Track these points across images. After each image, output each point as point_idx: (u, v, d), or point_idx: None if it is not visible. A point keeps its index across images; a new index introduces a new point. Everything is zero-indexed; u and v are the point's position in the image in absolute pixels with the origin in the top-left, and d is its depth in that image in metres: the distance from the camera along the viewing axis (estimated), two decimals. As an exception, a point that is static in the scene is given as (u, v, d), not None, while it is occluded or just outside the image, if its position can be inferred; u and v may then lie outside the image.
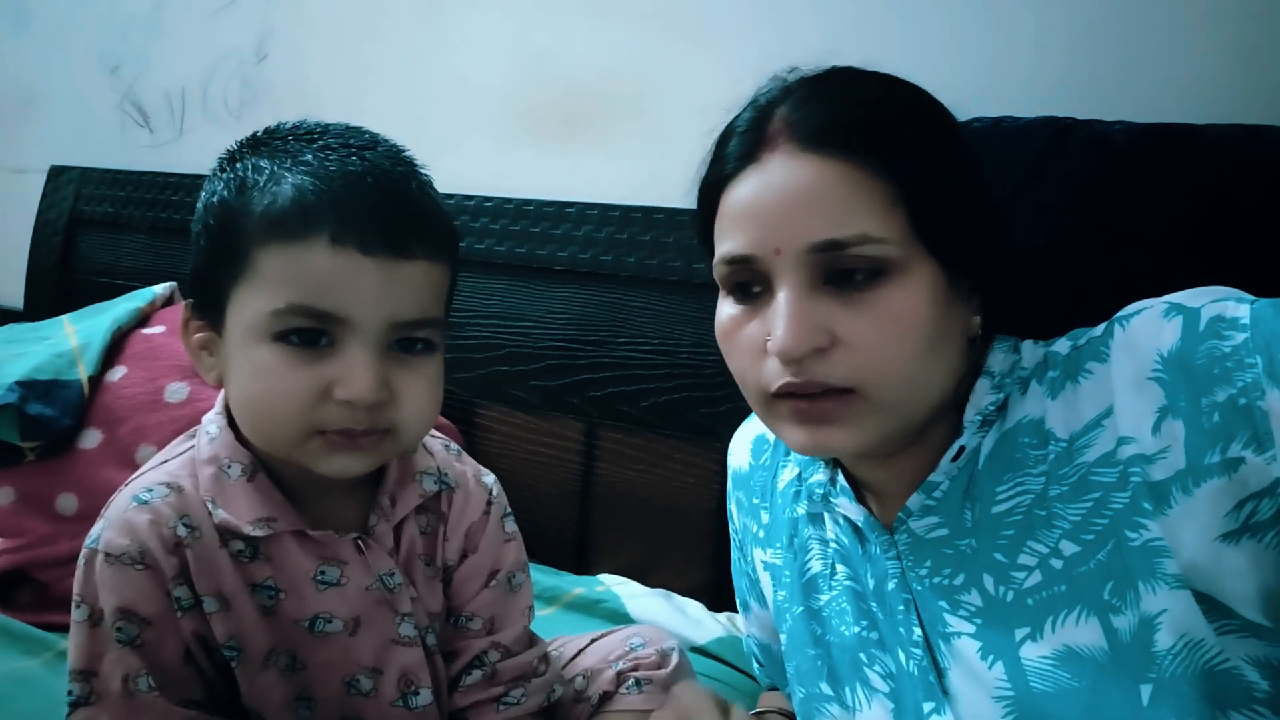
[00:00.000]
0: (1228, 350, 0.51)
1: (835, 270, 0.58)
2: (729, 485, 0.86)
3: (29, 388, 1.21)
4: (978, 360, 0.64)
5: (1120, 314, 0.58)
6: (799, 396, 0.59)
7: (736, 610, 0.92)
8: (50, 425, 1.20)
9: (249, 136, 0.69)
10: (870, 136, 0.58)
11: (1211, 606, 0.51)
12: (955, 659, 0.61)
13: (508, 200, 1.35)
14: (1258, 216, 0.73)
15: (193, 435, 0.73)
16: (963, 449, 0.62)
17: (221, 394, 0.71)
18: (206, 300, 0.67)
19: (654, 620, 1.07)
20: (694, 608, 1.15)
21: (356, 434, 0.64)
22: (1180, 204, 0.76)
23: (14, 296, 1.86)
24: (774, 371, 0.59)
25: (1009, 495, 0.60)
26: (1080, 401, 0.58)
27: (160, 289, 1.46)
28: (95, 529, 0.67)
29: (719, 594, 1.14)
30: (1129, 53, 0.95)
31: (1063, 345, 0.62)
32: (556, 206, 1.31)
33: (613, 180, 1.29)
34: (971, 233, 0.60)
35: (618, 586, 1.20)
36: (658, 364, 1.22)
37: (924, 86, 0.63)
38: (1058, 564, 0.57)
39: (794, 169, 0.58)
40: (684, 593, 1.19)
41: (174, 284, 1.50)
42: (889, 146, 0.58)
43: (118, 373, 1.28)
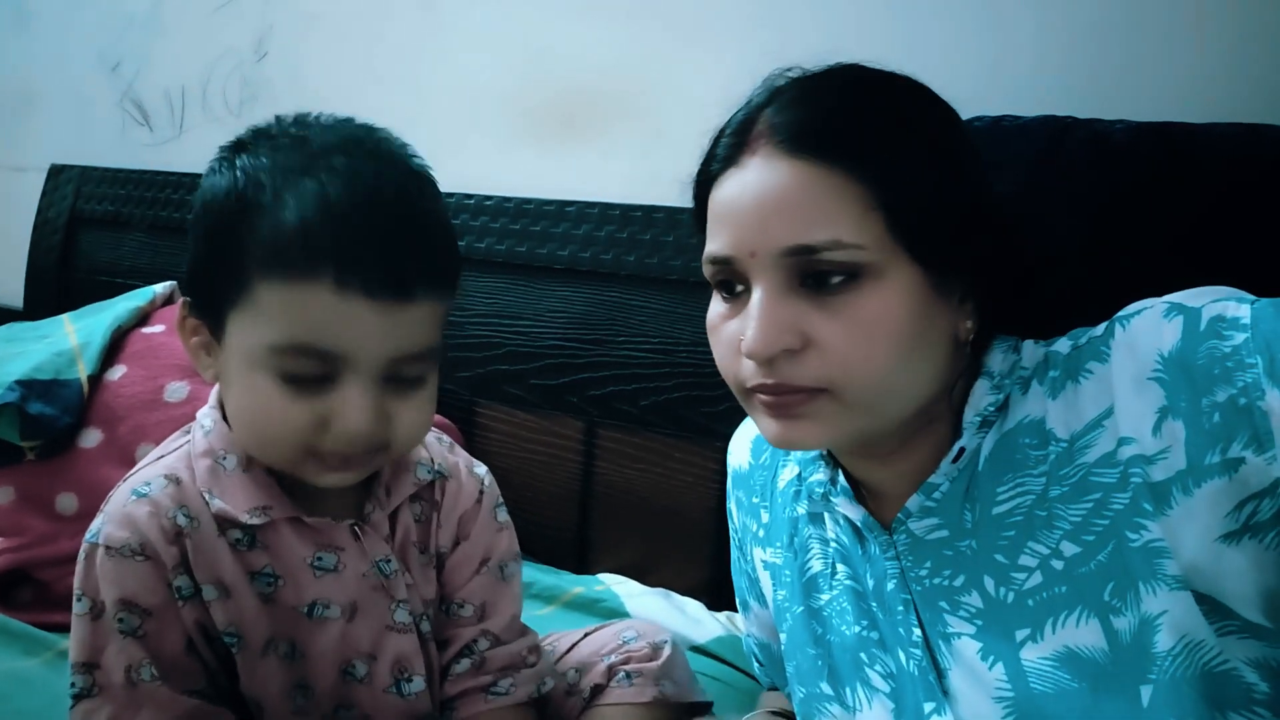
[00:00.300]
0: (1228, 350, 0.51)
1: (810, 273, 0.57)
2: (729, 484, 0.86)
3: (29, 387, 1.21)
4: (977, 361, 0.64)
5: (1121, 314, 0.58)
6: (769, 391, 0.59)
7: (736, 609, 0.92)
8: (50, 424, 1.20)
9: (249, 130, 0.67)
10: (847, 140, 0.57)
11: (1212, 607, 0.51)
12: (955, 659, 0.61)
13: (507, 199, 1.35)
14: (1258, 216, 0.73)
15: (187, 431, 0.74)
16: (963, 450, 0.62)
17: (215, 388, 0.72)
18: (204, 304, 0.67)
19: (653, 619, 1.07)
20: (693, 607, 1.15)
21: (352, 456, 0.65)
22: (1180, 203, 0.76)
23: (14, 295, 1.86)
24: (749, 369, 0.60)
25: (1009, 496, 0.60)
26: (1081, 401, 0.58)
27: (160, 288, 1.46)
28: (95, 524, 0.68)
29: (718, 593, 1.14)
30: (1129, 52, 0.95)
31: (1063, 345, 0.62)
32: (556, 205, 1.31)
33: (612, 179, 1.28)
34: (962, 235, 0.59)
35: (617, 585, 1.20)
36: (657, 363, 1.22)
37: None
38: (1058, 565, 0.57)
39: (770, 173, 0.58)
40: (683, 592, 1.19)
41: (174, 283, 1.50)
42: (866, 150, 0.57)
43: (117, 372, 1.28)
